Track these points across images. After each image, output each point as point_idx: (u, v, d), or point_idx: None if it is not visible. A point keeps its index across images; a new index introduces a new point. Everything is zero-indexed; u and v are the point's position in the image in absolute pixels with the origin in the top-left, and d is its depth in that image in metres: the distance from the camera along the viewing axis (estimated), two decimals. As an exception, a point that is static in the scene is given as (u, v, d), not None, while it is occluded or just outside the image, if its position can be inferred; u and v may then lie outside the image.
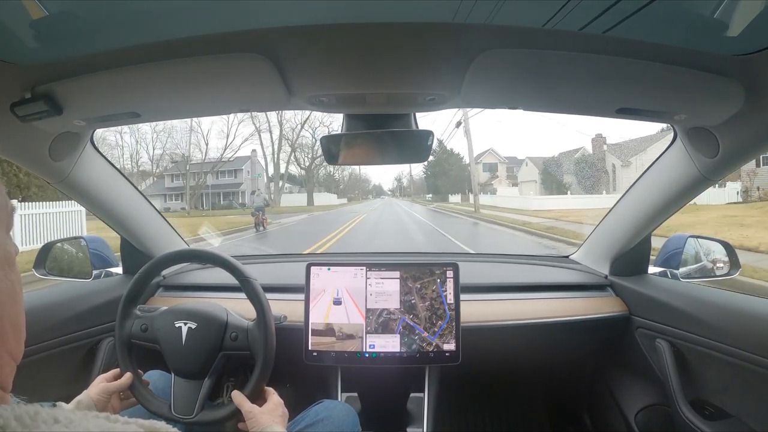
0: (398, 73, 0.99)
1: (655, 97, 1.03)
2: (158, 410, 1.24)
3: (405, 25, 0.84)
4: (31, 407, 0.46)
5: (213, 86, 1.02)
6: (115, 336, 1.32)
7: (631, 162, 24.88)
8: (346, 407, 1.39)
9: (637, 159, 24.17)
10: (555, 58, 0.90)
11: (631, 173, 23.18)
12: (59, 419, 0.46)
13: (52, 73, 0.95)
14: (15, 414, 0.44)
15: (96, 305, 1.62)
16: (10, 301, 0.54)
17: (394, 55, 0.92)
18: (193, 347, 1.27)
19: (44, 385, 1.44)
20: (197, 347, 1.27)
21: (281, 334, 1.31)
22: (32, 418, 0.45)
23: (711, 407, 1.42)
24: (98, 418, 0.51)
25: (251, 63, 0.90)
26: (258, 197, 17.99)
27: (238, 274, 1.31)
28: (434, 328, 1.57)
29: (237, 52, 0.89)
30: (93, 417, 0.51)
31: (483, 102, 1.18)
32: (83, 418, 0.49)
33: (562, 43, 0.87)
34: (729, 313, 1.36)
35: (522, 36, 0.87)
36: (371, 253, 2.27)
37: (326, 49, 0.90)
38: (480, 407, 2.20)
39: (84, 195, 1.53)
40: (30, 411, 0.45)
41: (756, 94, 0.94)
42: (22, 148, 1.21)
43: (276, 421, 1.14)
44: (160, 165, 33.77)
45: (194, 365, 1.26)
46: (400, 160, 1.28)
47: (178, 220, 14.98)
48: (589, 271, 1.95)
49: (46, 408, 0.47)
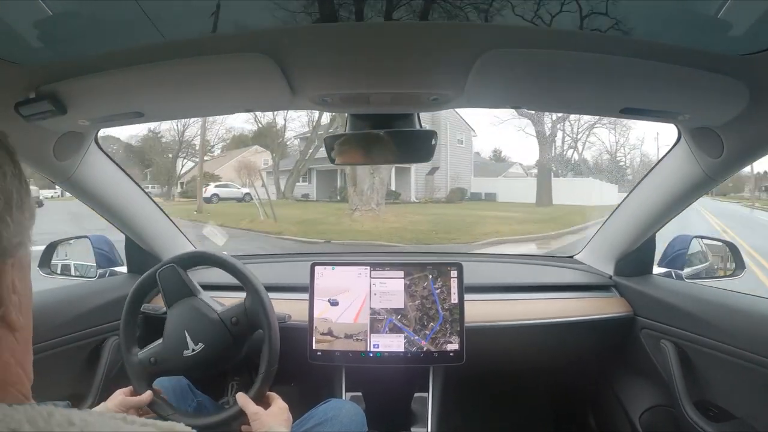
0: (402, 72, 0.99)
1: (659, 97, 1.03)
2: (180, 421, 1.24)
3: (409, 24, 0.84)
4: (45, 408, 0.45)
5: (217, 86, 1.02)
6: (120, 338, 1.32)
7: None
8: (354, 407, 1.39)
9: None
10: (559, 58, 0.89)
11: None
12: (74, 421, 0.44)
13: (56, 72, 0.95)
14: (28, 416, 0.43)
15: (101, 304, 1.63)
16: (28, 306, 0.53)
17: (398, 54, 0.92)
18: (213, 364, 1.28)
19: (49, 384, 1.44)
20: (216, 361, 1.28)
21: (285, 334, 1.31)
22: (46, 420, 0.43)
23: (716, 408, 1.42)
24: (115, 419, 0.50)
25: (255, 63, 0.90)
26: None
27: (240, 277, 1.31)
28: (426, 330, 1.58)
29: (241, 52, 0.89)
30: (109, 418, 0.50)
31: (487, 102, 1.18)
32: (99, 419, 0.48)
33: (566, 42, 0.87)
34: (734, 313, 1.35)
35: (526, 35, 0.87)
36: (376, 252, 2.27)
37: (330, 49, 0.90)
38: (484, 407, 2.20)
39: (88, 194, 1.53)
40: (43, 413, 0.44)
41: (760, 94, 0.93)
42: (27, 148, 1.21)
43: (281, 424, 1.14)
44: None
45: (218, 371, 1.26)
46: (404, 160, 1.28)
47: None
48: (594, 271, 1.94)
49: (60, 409, 0.45)
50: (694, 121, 1.14)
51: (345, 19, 0.83)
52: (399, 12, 0.82)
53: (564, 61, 0.90)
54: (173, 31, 0.86)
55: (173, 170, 22.83)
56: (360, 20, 0.83)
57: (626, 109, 1.07)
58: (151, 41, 0.88)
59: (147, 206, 1.79)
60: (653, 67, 0.90)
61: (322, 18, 0.83)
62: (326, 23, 0.83)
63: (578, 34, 0.85)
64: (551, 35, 0.86)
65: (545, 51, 0.88)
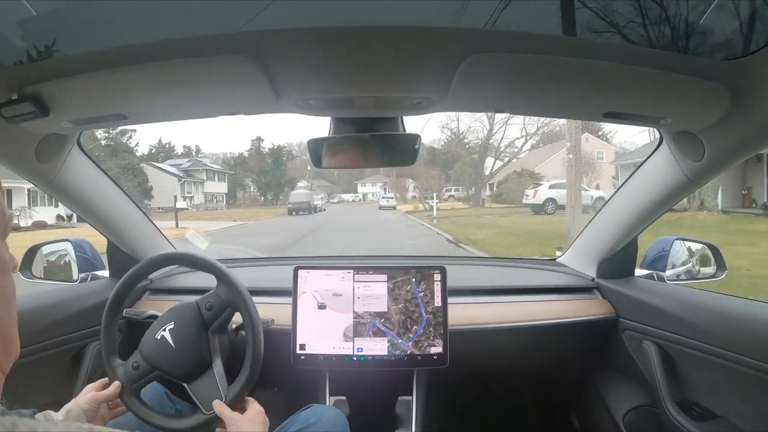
0: (386, 76, 1.00)
1: (641, 102, 1.04)
2: (148, 418, 1.22)
3: (393, 28, 0.84)
4: (9, 419, 0.43)
5: (200, 89, 1.02)
6: (101, 343, 1.31)
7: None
8: (336, 412, 1.38)
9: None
10: (542, 63, 0.90)
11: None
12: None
13: (39, 73, 0.94)
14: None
15: (82, 309, 1.61)
16: (1, 308, 0.52)
17: (382, 58, 0.92)
18: (184, 342, 1.25)
19: (30, 389, 1.42)
20: (187, 339, 1.26)
21: (268, 338, 1.30)
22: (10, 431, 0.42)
23: (698, 408, 1.44)
24: (81, 430, 0.48)
25: (238, 65, 0.90)
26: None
27: (223, 278, 1.30)
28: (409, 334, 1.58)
29: (224, 55, 0.88)
30: (75, 429, 0.49)
31: (470, 106, 1.19)
32: (65, 430, 0.47)
33: (549, 47, 0.88)
34: (715, 314, 1.37)
35: (509, 40, 0.87)
36: (359, 256, 2.27)
37: (314, 52, 0.90)
38: (468, 410, 2.21)
39: (70, 197, 1.51)
40: (7, 423, 0.42)
41: (741, 99, 0.95)
42: (8, 150, 1.19)
43: (257, 429, 1.13)
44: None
45: (195, 357, 1.24)
46: (388, 163, 1.28)
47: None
48: (576, 273, 1.96)
49: (25, 419, 0.44)
50: (676, 125, 1.16)
51: (329, 23, 0.83)
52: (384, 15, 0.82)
53: (547, 66, 0.91)
54: (156, 32, 0.86)
55: (480, 169, 21.54)
56: (344, 23, 0.83)
57: (609, 113, 1.08)
58: (134, 43, 0.87)
59: (129, 209, 1.77)
60: (636, 72, 0.91)
61: (306, 21, 0.83)
62: (310, 26, 0.83)
63: (562, 39, 0.86)
64: (535, 40, 0.87)
65: (529, 56, 0.89)
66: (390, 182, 35.95)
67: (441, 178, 26.18)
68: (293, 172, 39.65)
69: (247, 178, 38.00)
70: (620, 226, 1.67)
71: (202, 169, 32.83)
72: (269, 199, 35.93)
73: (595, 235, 1.86)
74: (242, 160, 39.11)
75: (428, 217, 19.83)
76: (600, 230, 1.81)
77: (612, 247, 1.75)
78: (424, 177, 26.95)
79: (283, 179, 37.21)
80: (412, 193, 32.03)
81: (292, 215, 24.38)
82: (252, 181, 38.05)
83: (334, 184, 46.42)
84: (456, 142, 25.74)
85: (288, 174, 38.53)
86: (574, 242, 2.04)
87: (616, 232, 1.70)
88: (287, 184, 36.95)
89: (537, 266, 2.12)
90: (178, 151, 39.89)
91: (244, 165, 38.26)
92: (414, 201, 29.34)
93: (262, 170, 37.05)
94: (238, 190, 37.09)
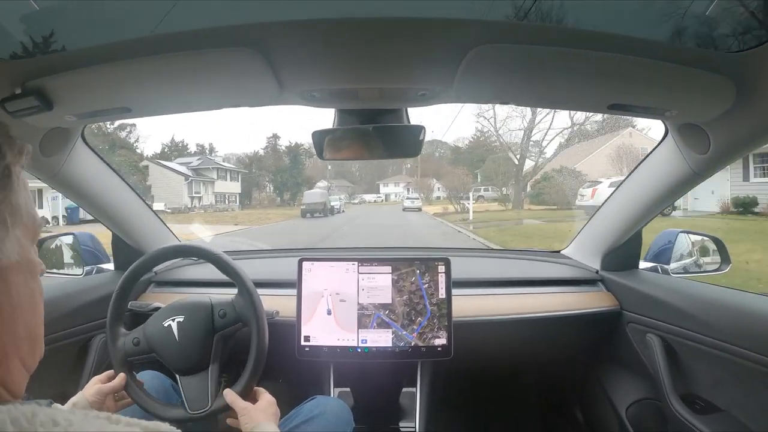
0: (391, 67, 0.99)
1: (647, 94, 1.04)
2: (154, 410, 1.23)
3: (398, 19, 0.83)
4: (29, 408, 0.44)
5: (204, 81, 1.01)
6: (106, 335, 1.31)
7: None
8: (340, 403, 1.39)
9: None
10: (547, 54, 0.90)
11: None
12: (58, 421, 0.44)
13: (42, 68, 0.94)
14: (11, 416, 0.42)
15: (87, 302, 1.61)
16: (29, 308, 0.53)
17: (387, 49, 0.92)
18: (188, 339, 1.26)
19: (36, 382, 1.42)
20: (191, 337, 1.26)
21: (273, 330, 1.31)
22: (29, 420, 0.43)
23: (701, 401, 1.44)
24: (99, 419, 0.50)
25: (242, 58, 0.90)
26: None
27: (229, 270, 1.30)
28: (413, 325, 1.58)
29: (228, 47, 0.88)
30: (93, 418, 0.50)
31: (475, 97, 1.19)
32: (83, 419, 0.48)
33: (554, 39, 0.87)
34: (719, 308, 1.37)
35: (515, 31, 0.87)
36: (364, 248, 2.27)
37: (318, 44, 0.90)
38: (472, 402, 2.21)
39: (75, 190, 1.51)
40: (27, 412, 0.44)
41: (747, 92, 0.94)
42: None
43: (269, 419, 1.14)
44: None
45: (194, 356, 1.25)
46: (392, 155, 1.28)
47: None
48: (580, 266, 1.96)
49: (44, 408, 0.45)
50: (681, 118, 1.15)
51: (333, 14, 0.83)
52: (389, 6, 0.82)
53: (553, 58, 0.91)
54: (160, 25, 0.85)
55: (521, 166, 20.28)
56: (349, 15, 0.83)
57: (614, 105, 1.08)
58: (138, 36, 0.87)
59: (133, 202, 1.78)
60: (641, 64, 0.90)
61: (310, 13, 0.82)
62: (314, 18, 0.83)
63: (567, 30, 0.85)
64: (540, 31, 0.86)
65: (534, 47, 0.88)
66: (414, 182, 35.35)
67: (469, 176, 25.57)
68: (312, 171, 38.42)
69: (264, 177, 36.88)
70: (625, 219, 1.67)
71: (212, 167, 31.65)
72: (286, 199, 34.90)
73: (599, 228, 1.86)
74: (258, 159, 37.91)
75: (463, 221, 17.55)
76: (604, 222, 1.81)
77: (616, 239, 1.75)
78: (450, 176, 26.05)
79: (300, 178, 36.02)
80: (437, 194, 31.13)
81: (306, 217, 22.46)
82: (268, 181, 36.89)
83: (355, 184, 45.07)
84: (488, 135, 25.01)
85: (307, 173, 37.32)
86: (579, 234, 2.04)
87: (621, 224, 1.70)
88: (305, 183, 35.72)
89: (541, 258, 2.12)
90: (191, 149, 38.63)
91: (260, 164, 37.09)
92: (440, 202, 28.30)
93: (278, 169, 35.95)
94: (254, 190, 36.15)
